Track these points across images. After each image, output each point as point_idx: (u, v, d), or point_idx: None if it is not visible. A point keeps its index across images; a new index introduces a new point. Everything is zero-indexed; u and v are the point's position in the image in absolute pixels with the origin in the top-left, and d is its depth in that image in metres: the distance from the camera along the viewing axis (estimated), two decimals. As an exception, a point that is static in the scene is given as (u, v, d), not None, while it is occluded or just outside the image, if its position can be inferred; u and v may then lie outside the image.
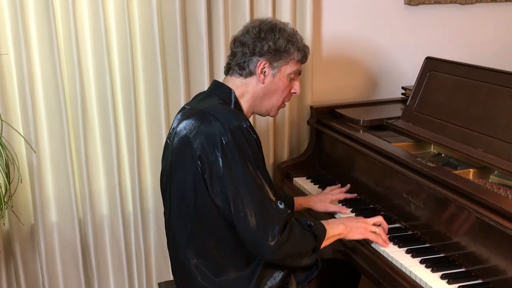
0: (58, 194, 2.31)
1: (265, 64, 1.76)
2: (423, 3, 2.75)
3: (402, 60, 2.79)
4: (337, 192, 2.18)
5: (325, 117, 2.46)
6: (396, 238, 1.86)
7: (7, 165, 1.89)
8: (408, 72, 2.73)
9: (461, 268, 1.68)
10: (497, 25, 2.93)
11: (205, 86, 2.37)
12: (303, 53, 1.83)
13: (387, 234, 1.86)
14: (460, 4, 2.83)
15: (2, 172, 1.87)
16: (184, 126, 1.72)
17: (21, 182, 2.10)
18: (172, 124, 1.85)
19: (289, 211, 1.67)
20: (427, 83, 2.24)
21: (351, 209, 2.09)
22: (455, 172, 1.91)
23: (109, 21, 2.24)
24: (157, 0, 2.23)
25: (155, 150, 2.41)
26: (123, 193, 2.40)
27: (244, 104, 1.81)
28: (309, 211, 2.18)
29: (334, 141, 2.35)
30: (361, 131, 2.28)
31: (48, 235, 2.33)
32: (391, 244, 1.84)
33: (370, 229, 1.83)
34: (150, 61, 2.31)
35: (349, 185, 2.22)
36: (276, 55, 1.76)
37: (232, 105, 1.78)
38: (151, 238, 2.51)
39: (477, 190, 1.66)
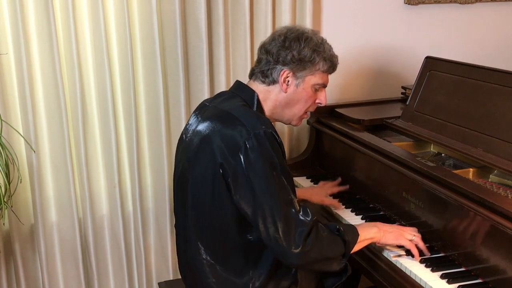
0: (58, 194, 2.31)
1: (289, 73, 1.72)
2: (423, 2, 2.75)
3: (402, 60, 2.79)
4: (330, 186, 2.22)
5: (324, 117, 2.46)
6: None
7: (7, 165, 1.89)
8: (408, 72, 2.73)
9: (460, 267, 1.68)
10: (497, 25, 2.93)
11: (205, 86, 2.37)
12: (330, 63, 1.76)
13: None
14: (460, 3, 2.83)
15: (2, 172, 1.87)
16: (207, 126, 1.68)
17: (20, 182, 2.10)
18: (189, 120, 1.82)
19: (315, 217, 1.63)
20: (427, 82, 2.24)
21: (350, 209, 2.09)
22: (455, 171, 1.91)
23: (109, 21, 2.24)
24: (157, 0, 2.23)
25: (155, 150, 2.41)
26: (123, 193, 2.40)
27: (266, 109, 1.78)
28: (304, 202, 2.16)
29: (334, 140, 2.35)
30: (361, 130, 2.28)
31: (48, 235, 2.33)
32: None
33: (405, 236, 1.76)
34: (150, 61, 2.31)
35: (340, 178, 2.25)
36: (300, 65, 1.71)
37: (255, 108, 1.75)
38: (151, 238, 2.51)
39: (477, 190, 1.66)
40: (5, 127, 2.05)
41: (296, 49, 1.70)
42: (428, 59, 2.28)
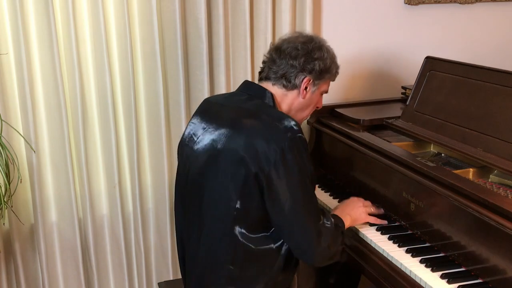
0: (58, 194, 2.31)
1: (310, 80, 1.78)
2: (423, 2, 2.75)
3: (402, 60, 2.79)
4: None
5: (325, 117, 2.46)
6: (396, 237, 1.86)
7: (7, 165, 1.89)
8: (408, 72, 2.73)
9: (460, 267, 1.67)
10: (497, 25, 2.93)
11: (205, 86, 2.38)
12: (337, 73, 1.88)
13: (387, 233, 1.89)
14: (460, 3, 2.83)
15: (2, 172, 1.87)
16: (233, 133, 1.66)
17: (21, 182, 2.10)
18: (190, 129, 1.79)
19: (333, 220, 1.73)
20: (427, 82, 2.24)
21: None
22: (455, 171, 1.91)
23: (109, 21, 2.24)
24: (157, 0, 2.24)
25: (155, 150, 2.41)
26: (123, 193, 2.40)
27: None
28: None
29: (334, 140, 2.35)
30: (361, 130, 2.28)
31: (48, 235, 2.33)
32: (390, 243, 1.83)
33: (367, 211, 1.93)
34: (150, 61, 2.31)
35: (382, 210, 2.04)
36: (321, 74, 1.79)
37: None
38: (151, 238, 2.51)
39: (477, 190, 1.66)
40: (5, 127, 2.05)
41: (322, 59, 1.77)
42: (428, 59, 2.28)
